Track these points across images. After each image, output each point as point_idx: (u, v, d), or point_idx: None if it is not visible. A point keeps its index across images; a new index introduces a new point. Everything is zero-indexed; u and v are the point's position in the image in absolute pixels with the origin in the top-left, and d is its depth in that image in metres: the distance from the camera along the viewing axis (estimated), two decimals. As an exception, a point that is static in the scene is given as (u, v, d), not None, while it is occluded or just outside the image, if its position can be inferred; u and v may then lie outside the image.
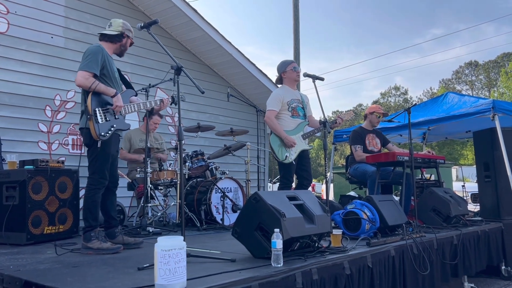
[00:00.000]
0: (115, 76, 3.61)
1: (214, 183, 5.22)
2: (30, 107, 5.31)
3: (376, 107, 6.03)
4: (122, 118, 3.50)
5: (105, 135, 3.33)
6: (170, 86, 5.68)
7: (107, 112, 3.40)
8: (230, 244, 3.46)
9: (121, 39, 3.66)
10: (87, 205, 3.37)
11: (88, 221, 3.33)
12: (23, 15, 5.33)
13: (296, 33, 12.94)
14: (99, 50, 3.46)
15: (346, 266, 2.90)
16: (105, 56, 3.49)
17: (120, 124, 3.47)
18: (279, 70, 4.91)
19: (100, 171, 3.40)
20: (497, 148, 5.48)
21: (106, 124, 3.36)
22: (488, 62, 44.12)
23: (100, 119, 3.33)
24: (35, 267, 2.71)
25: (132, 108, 3.61)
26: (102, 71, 3.45)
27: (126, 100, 3.59)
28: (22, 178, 3.83)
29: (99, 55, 3.42)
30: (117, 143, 3.55)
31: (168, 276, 2.01)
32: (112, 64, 3.60)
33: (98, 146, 3.35)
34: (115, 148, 3.53)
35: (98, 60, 3.40)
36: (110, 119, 3.40)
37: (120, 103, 3.41)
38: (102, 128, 3.33)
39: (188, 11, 6.61)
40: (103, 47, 3.55)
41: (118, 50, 3.71)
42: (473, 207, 7.92)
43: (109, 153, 3.44)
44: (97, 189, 3.40)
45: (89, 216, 3.35)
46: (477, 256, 4.65)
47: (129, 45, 3.76)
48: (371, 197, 4.08)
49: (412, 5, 75.51)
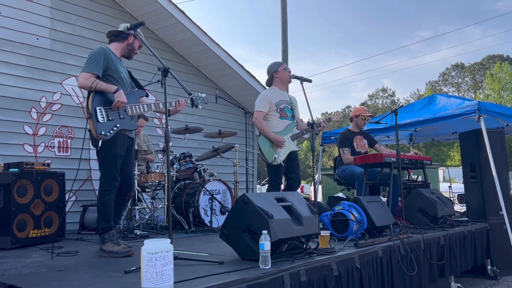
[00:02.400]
0: (121, 76, 3.50)
1: (202, 185, 5.20)
2: (15, 109, 5.24)
3: (361, 109, 6.07)
4: (128, 118, 3.40)
5: (105, 134, 3.23)
6: (157, 88, 5.65)
7: (111, 111, 3.31)
8: (218, 246, 3.45)
9: (126, 36, 3.57)
10: (98, 207, 3.34)
11: (101, 223, 3.30)
12: (8, 16, 5.26)
13: (284, 35, 12.98)
14: (101, 51, 3.41)
15: (334, 268, 2.91)
16: (109, 57, 3.42)
17: (125, 124, 3.37)
18: (270, 70, 4.88)
19: (108, 172, 3.34)
20: (483, 149, 5.54)
21: (108, 124, 3.27)
22: (474, 64, 44.68)
23: (101, 118, 3.25)
24: (20, 271, 2.67)
25: (141, 108, 3.48)
26: (106, 71, 3.39)
27: (134, 100, 3.51)
28: (7, 181, 3.77)
29: (101, 56, 3.37)
30: (123, 143, 3.42)
31: (155, 279, 1.99)
32: (118, 64, 3.52)
33: (103, 146, 3.29)
34: (122, 149, 3.40)
35: (99, 61, 3.35)
36: (114, 118, 3.31)
37: (122, 99, 3.29)
38: (103, 127, 3.24)
39: (176, 13, 6.58)
40: (108, 48, 3.51)
41: (126, 51, 3.62)
42: (460, 207, 8.01)
43: (115, 153, 3.34)
44: (107, 191, 3.33)
45: (101, 218, 3.31)
46: (463, 256, 4.70)
47: (138, 48, 3.66)
48: (359, 198, 4.10)
49: (399, 7, 76.30)
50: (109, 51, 3.48)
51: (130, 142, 3.56)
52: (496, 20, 66.68)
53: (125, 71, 3.64)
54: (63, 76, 5.66)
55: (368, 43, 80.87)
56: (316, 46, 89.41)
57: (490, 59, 42.53)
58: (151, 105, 3.56)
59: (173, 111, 3.56)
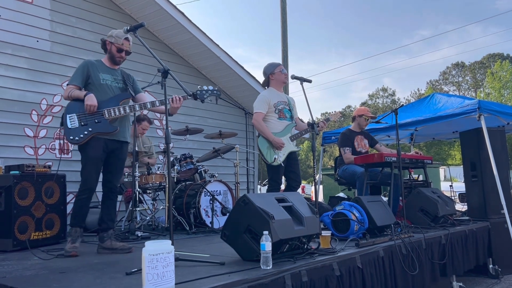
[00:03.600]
0: (102, 83, 3.59)
1: (203, 186, 5.20)
2: (15, 111, 5.25)
3: (364, 109, 6.08)
4: (105, 122, 3.48)
5: (74, 139, 3.40)
6: (158, 89, 5.65)
7: (87, 117, 3.43)
8: (219, 247, 3.45)
9: (105, 47, 3.72)
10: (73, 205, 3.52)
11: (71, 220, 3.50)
12: (8, 19, 5.27)
13: (284, 35, 12.98)
14: (82, 64, 3.64)
15: (336, 268, 2.91)
16: (90, 68, 3.59)
17: (100, 128, 3.45)
18: (266, 72, 4.91)
19: (82, 175, 3.51)
20: (483, 148, 5.54)
21: (79, 129, 3.41)
22: (474, 63, 44.65)
23: (71, 124, 3.41)
24: (21, 274, 2.68)
25: (122, 111, 3.53)
26: (88, 80, 3.58)
27: (114, 103, 3.55)
28: (8, 183, 3.78)
29: (82, 68, 3.58)
30: (99, 147, 3.48)
31: (156, 280, 1.99)
32: (102, 72, 3.63)
33: (80, 150, 3.50)
34: (96, 152, 3.47)
35: (79, 73, 3.57)
36: (88, 123, 3.43)
37: (89, 102, 3.40)
38: (73, 132, 3.41)
39: (176, 14, 6.59)
40: (94, 60, 3.71)
41: (111, 59, 3.72)
42: (461, 206, 8.00)
43: (89, 157, 3.46)
44: (81, 191, 3.48)
45: (73, 215, 3.50)
46: (465, 255, 4.69)
47: (118, 51, 3.68)
48: (360, 198, 4.10)
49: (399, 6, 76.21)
50: (93, 62, 3.67)
51: (114, 145, 3.62)
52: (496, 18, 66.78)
53: (114, 78, 3.70)
54: (63, 78, 5.66)
55: (368, 42, 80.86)
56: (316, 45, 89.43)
57: (490, 58, 42.50)
58: (135, 106, 3.60)
59: (172, 107, 3.56)
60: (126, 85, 3.73)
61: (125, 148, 3.76)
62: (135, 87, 3.83)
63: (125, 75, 3.80)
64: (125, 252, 3.48)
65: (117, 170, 3.71)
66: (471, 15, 68.03)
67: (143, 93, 3.90)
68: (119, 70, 3.78)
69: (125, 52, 3.71)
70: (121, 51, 3.68)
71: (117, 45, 3.65)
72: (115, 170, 3.69)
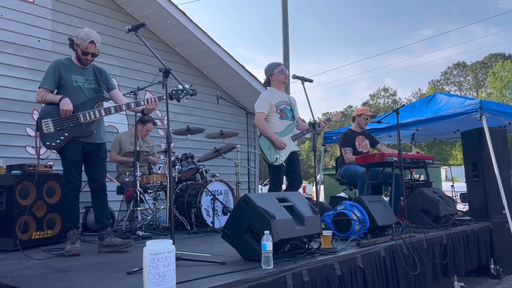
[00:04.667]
0: (75, 85, 3.56)
1: (204, 186, 5.20)
2: (17, 111, 5.25)
3: (363, 109, 6.08)
4: (81, 126, 3.48)
5: (51, 145, 3.42)
6: (159, 89, 5.66)
7: (62, 121, 3.43)
8: (220, 247, 3.45)
9: (73, 46, 3.64)
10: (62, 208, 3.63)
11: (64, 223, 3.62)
12: (9, 19, 5.27)
13: (285, 35, 12.97)
14: (52, 65, 3.56)
15: (337, 267, 2.91)
16: (61, 68, 3.54)
17: (76, 132, 3.46)
18: (266, 72, 4.93)
19: (64, 176, 3.58)
20: (485, 148, 5.53)
21: (55, 134, 3.42)
22: (476, 63, 44.56)
23: (47, 129, 3.42)
24: (22, 273, 2.68)
25: (97, 114, 3.51)
26: (60, 82, 3.55)
27: (89, 106, 3.54)
28: (9, 183, 3.78)
29: (52, 70, 3.54)
30: (76, 149, 3.50)
31: (157, 280, 1.99)
32: (73, 74, 3.58)
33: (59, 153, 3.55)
34: (74, 154, 3.50)
35: (50, 75, 3.53)
36: (64, 128, 3.43)
37: (65, 107, 3.38)
38: (49, 138, 3.43)
39: (177, 14, 6.59)
40: (63, 60, 3.63)
41: (79, 60, 3.64)
42: (463, 206, 8.01)
43: (68, 159, 3.50)
44: (66, 193, 3.57)
45: (63, 218, 3.65)
46: (467, 255, 4.69)
47: (84, 54, 3.58)
48: (361, 198, 4.09)
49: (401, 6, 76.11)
50: (64, 62, 3.60)
51: (91, 147, 3.63)
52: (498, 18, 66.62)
53: (86, 78, 3.66)
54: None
55: (370, 42, 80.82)
56: (318, 45, 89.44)
57: (492, 58, 42.42)
58: (110, 109, 3.57)
59: (146, 110, 3.58)
60: (99, 85, 3.70)
61: (104, 148, 3.76)
62: (109, 84, 3.80)
63: (98, 72, 3.75)
64: (126, 247, 3.47)
65: (100, 168, 3.71)
66: (472, 15, 67.97)
67: (116, 89, 3.86)
68: (90, 68, 3.72)
69: (91, 54, 3.61)
70: (87, 54, 3.60)
71: (82, 48, 3.57)
72: (98, 168, 3.69)
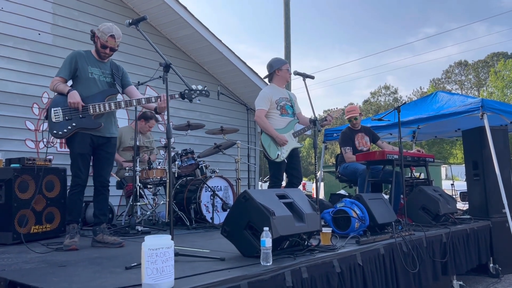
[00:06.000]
0: (90, 77, 3.57)
1: (204, 182, 5.20)
2: (17, 104, 5.24)
3: (347, 111, 6.05)
4: (89, 117, 3.47)
5: (58, 133, 3.40)
6: (159, 84, 5.65)
7: (71, 111, 3.43)
8: (219, 243, 3.44)
9: (94, 39, 3.65)
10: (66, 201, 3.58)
11: (67, 216, 3.54)
12: (10, 12, 5.25)
13: (287, 31, 12.95)
14: (72, 55, 3.59)
15: (336, 264, 2.90)
16: (79, 59, 3.57)
17: (84, 123, 3.45)
18: (273, 66, 4.86)
19: (72, 169, 3.52)
20: (486, 147, 5.52)
21: (63, 123, 3.41)
22: (478, 61, 44.47)
23: (56, 118, 3.41)
24: (21, 267, 2.67)
25: (107, 107, 3.51)
26: (75, 73, 3.56)
27: (100, 99, 3.54)
28: (8, 176, 3.77)
29: (69, 60, 3.56)
30: (84, 142, 3.49)
31: (155, 275, 1.98)
32: (90, 65, 3.60)
33: (67, 145, 3.54)
34: (82, 147, 3.48)
35: (66, 65, 3.55)
36: (72, 118, 3.42)
37: (72, 100, 3.38)
38: (57, 126, 3.41)
39: (178, 9, 6.56)
40: (83, 51, 3.66)
41: (97, 53, 3.66)
42: (462, 205, 7.99)
43: (76, 152, 3.48)
44: (72, 187, 3.53)
45: (68, 211, 3.55)
46: (467, 254, 4.68)
47: (102, 47, 3.60)
48: (361, 195, 4.08)
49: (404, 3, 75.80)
50: (82, 54, 3.62)
51: (100, 140, 3.61)
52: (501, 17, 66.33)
53: (102, 72, 3.67)
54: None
55: (372, 40, 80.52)
56: (320, 42, 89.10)
57: (494, 57, 42.33)
58: (120, 103, 3.59)
59: (159, 107, 3.56)
60: (114, 80, 3.70)
61: (113, 142, 3.75)
62: (125, 80, 3.80)
63: (114, 68, 3.75)
64: (115, 246, 3.47)
65: (107, 164, 3.71)
66: (476, 13, 67.58)
67: (132, 86, 3.86)
68: (108, 63, 3.73)
69: (110, 48, 3.62)
70: (105, 48, 3.61)
71: (102, 41, 3.58)
72: (105, 164, 3.69)
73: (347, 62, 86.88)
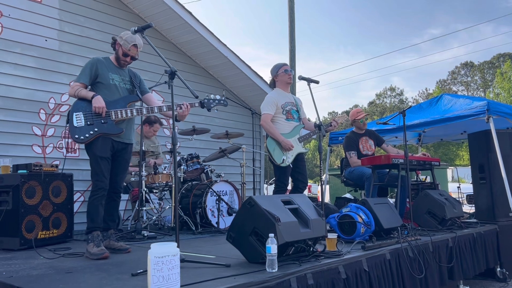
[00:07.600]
0: (111, 83, 3.59)
1: (209, 186, 5.21)
2: (23, 110, 5.28)
3: (354, 113, 5.99)
4: (112, 123, 3.48)
5: (80, 138, 3.39)
6: (165, 89, 5.67)
7: (93, 116, 3.43)
8: (225, 248, 3.45)
9: (115, 46, 3.69)
10: (87, 207, 3.47)
11: (87, 223, 3.43)
12: (17, 18, 5.30)
13: (291, 34, 12.96)
14: (91, 61, 3.61)
15: (342, 270, 2.90)
16: (98, 66, 3.57)
17: (106, 129, 3.45)
18: (271, 73, 4.95)
19: (94, 174, 3.47)
20: (492, 150, 5.49)
21: (85, 128, 3.41)
22: (484, 63, 44.25)
23: (78, 123, 3.41)
24: (28, 273, 2.69)
25: (128, 113, 3.53)
26: (96, 79, 3.56)
27: (122, 105, 3.56)
28: (16, 182, 3.80)
29: (89, 66, 3.56)
30: (106, 146, 3.48)
31: (161, 283, 2.00)
32: (111, 72, 3.63)
33: (87, 150, 3.50)
34: (103, 151, 3.47)
35: (86, 70, 3.55)
36: (95, 123, 3.43)
37: (97, 104, 3.39)
38: (79, 131, 3.40)
39: (183, 14, 6.59)
40: (102, 58, 3.67)
41: (117, 60, 3.70)
42: (469, 208, 7.95)
43: (96, 155, 3.45)
44: (94, 191, 3.45)
45: (88, 218, 3.44)
46: (474, 258, 4.65)
47: (124, 55, 3.65)
48: (367, 200, 4.07)
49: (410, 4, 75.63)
50: (102, 60, 3.64)
51: (120, 146, 3.63)
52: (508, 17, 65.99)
53: (122, 78, 3.70)
54: (71, 77, 5.68)
55: (378, 41, 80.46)
56: (325, 43, 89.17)
57: (500, 58, 42.10)
58: (142, 109, 3.61)
59: (180, 115, 3.54)
60: (133, 86, 3.74)
61: (130, 149, 3.77)
62: (142, 88, 3.84)
63: (132, 75, 3.80)
64: (122, 252, 3.47)
65: (122, 171, 3.72)
66: (482, 13, 67.14)
67: (150, 93, 3.89)
68: (126, 70, 3.78)
69: (131, 57, 3.68)
70: (127, 56, 3.66)
71: (124, 49, 3.63)
72: (120, 171, 3.70)
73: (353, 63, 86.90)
